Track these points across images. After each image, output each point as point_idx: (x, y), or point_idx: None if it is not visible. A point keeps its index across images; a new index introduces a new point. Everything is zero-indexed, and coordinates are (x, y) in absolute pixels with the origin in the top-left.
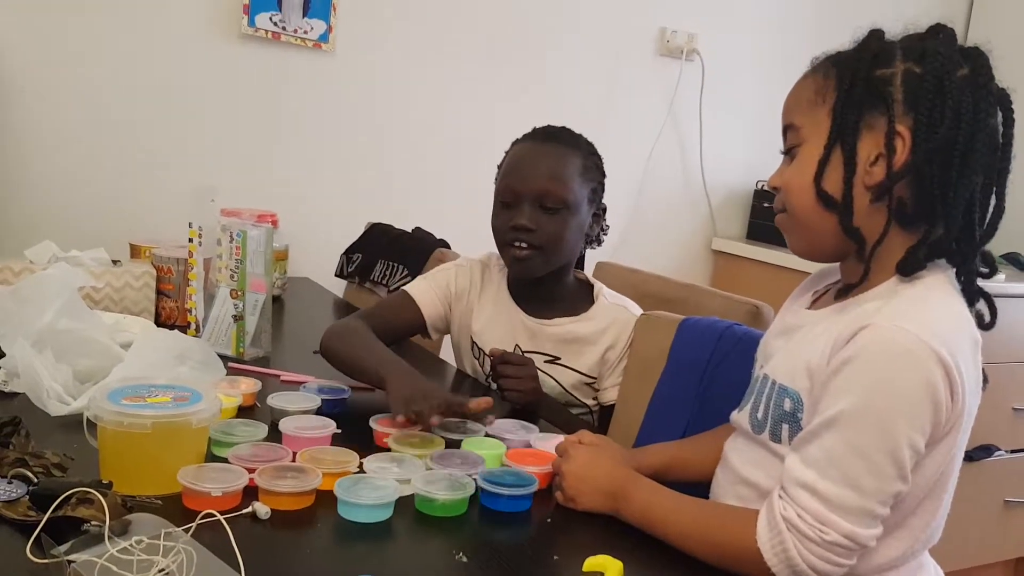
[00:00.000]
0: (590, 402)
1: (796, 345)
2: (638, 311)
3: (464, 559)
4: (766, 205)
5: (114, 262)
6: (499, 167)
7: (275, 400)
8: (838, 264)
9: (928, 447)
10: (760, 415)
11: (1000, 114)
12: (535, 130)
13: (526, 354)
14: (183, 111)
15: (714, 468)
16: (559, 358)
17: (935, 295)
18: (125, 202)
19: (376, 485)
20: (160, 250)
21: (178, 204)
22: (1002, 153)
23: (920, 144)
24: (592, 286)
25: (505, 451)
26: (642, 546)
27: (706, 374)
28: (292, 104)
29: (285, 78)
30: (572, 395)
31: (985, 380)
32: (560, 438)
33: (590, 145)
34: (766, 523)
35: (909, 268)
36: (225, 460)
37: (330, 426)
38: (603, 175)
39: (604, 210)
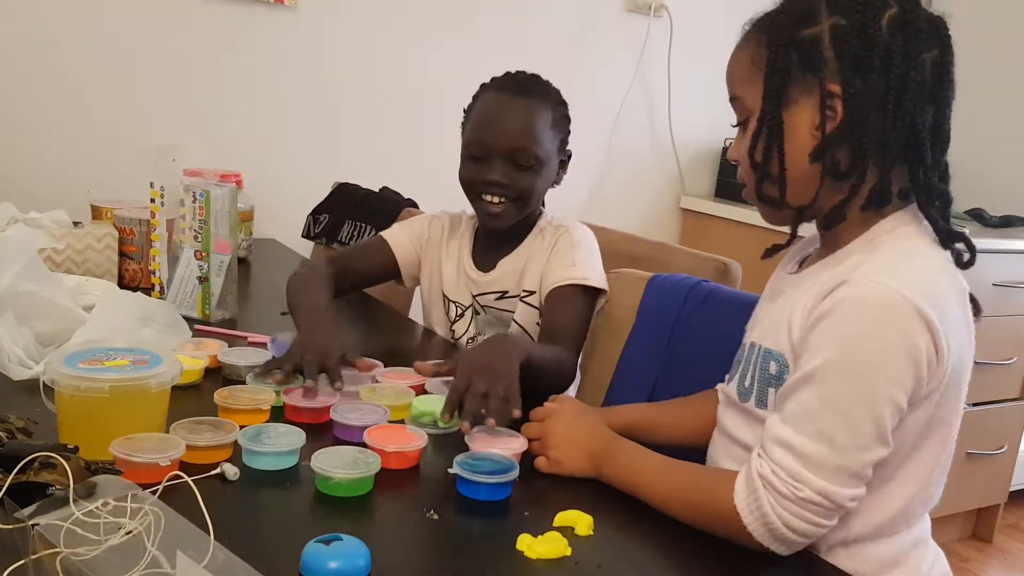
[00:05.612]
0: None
1: (779, 307)
2: (575, 223)
3: (435, 516)
4: (734, 163)
5: (75, 223)
6: (466, 111)
7: (226, 356)
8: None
9: (910, 406)
10: (747, 383)
11: (939, 43)
12: (507, 77)
13: (476, 298)
14: (144, 69)
15: (681, 433)
16: (507, 292)
17: (915, 246)
18: (85, 162)
19: (280, 432)
20: (122, 211)
21: (139, 164)
22: (941, 82)
23: (851, 100)
24: (540, 215)
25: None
26: (611, 502)
27: (674, 330)
28: (255, 62)
29: (248, 35)
30: (530, 335)
31: (977, 310)
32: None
33: (558, 93)
34: (743, 481)
35: (831, 221)
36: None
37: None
38: (569, 122)
39: (569, 156)
